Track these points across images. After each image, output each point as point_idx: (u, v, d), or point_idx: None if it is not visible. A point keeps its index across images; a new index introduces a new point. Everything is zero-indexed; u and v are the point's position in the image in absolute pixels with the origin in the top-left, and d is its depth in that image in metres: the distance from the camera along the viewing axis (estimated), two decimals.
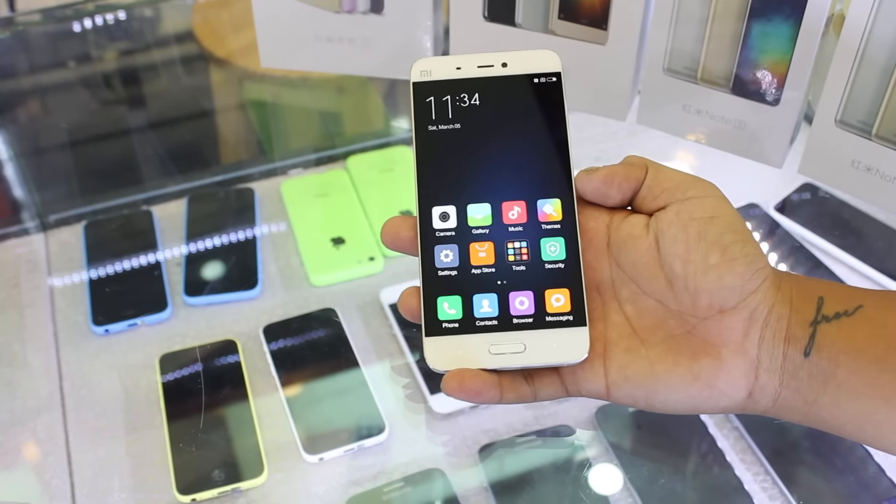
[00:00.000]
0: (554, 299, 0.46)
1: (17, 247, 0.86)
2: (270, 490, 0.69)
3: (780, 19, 0.61)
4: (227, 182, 0.93)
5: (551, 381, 0.47)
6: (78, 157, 0.98)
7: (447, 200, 0.47)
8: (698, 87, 0.66)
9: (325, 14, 0.70)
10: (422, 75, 0.49)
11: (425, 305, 0.46)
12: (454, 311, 0.46)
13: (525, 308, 0.46)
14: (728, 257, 0.44)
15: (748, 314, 0.45)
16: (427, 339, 0.45)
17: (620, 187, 0.47)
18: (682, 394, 0.45)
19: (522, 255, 0.47)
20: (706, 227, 0.45)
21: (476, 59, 0.50)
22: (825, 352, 0.44)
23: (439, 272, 0.46)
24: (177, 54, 1.09)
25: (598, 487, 0.69)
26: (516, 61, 0.50)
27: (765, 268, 0.45)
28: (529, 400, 0.46)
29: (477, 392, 0.45)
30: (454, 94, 0.49)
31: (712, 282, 0.44)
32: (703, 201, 0.46)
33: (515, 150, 0.49)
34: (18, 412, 0.74)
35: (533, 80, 0.49)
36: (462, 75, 0.49)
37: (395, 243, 0.49)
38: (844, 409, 0.45)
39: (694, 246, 0.45)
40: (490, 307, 0.46)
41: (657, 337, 0.46)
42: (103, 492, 0.69)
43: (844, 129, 0.62)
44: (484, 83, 0.49)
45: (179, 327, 0.80)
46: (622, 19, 0.65)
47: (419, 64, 0.49)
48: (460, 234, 0.47)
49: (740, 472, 0.70)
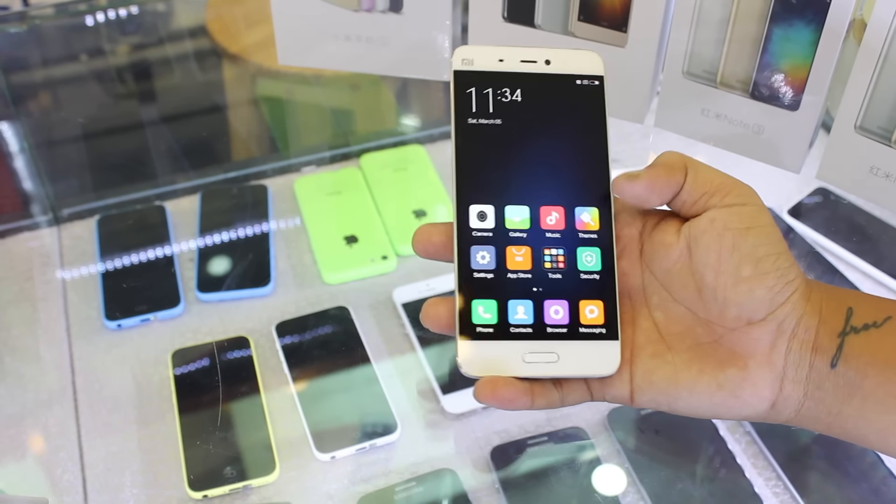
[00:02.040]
0: (588, 311, 0.45)
1: (30, 241, 0.87)
2: (282, 488, 0.69)
3: (802, 24, 0.60)
4: (240, 178, 0.93)
5: (578, 386, 0.46)
6: (91, 151, 0.98)
7: (486, 199, 0.46)
8: (717, 91, 0.66)
9: (344, 12, 0.70)
10: (463, 64, 0.48)
11: (460, 307, 0.44)
12: (489, 316, 0.45)
13: (560, 318, 0.45)
14: (760, 270, 0.44)
15: (776, 326, 0.44)
16: (461, 342, 0.44)
17: (661, 193, 0.46)
18: (705, 402, 0.45)
19: (559, 262, 0.46)
20: (741, 238, 0.44)
21: (519, 52, 0.48)
22: (852, 363, 0.44)
23: (475, 274, 0.45)
24: (190, 49, 1.09)
25: (609, 490, 0.69)
26: (560, 60, 0.48)
27: (795, 279, 0.45)
28: (557, 406, 0.46)
29: (510, 400, 0.44)
30: (496, 87, 0.47)
31: (742, 294, 0.44)
32: (741, 210, 0.45)
33: (555, 152, 0.47)
34: (30, 406, 0.74)
35: (576, 81, 0.48)
36: (504, 68, 0.48)
37: (427, 249, 0.47)
38: (870, 420, 0.44)
39: (727, 257, 0.44)
40: (525, 314, 0.45)
41: (684, 344, 0.46)
42: (115, 487, 0.69)
43: (864, 136, 0.61)
44: (527, 79, 0.48)
45: (192, 323, 0.80)
46: (642, 22, 0.65)
47: (461, 52, 0.48)
48: (498, 235, 0.46)
49: (752, 476, 0.70)
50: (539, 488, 0.69)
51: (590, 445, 0.71)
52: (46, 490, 0.69)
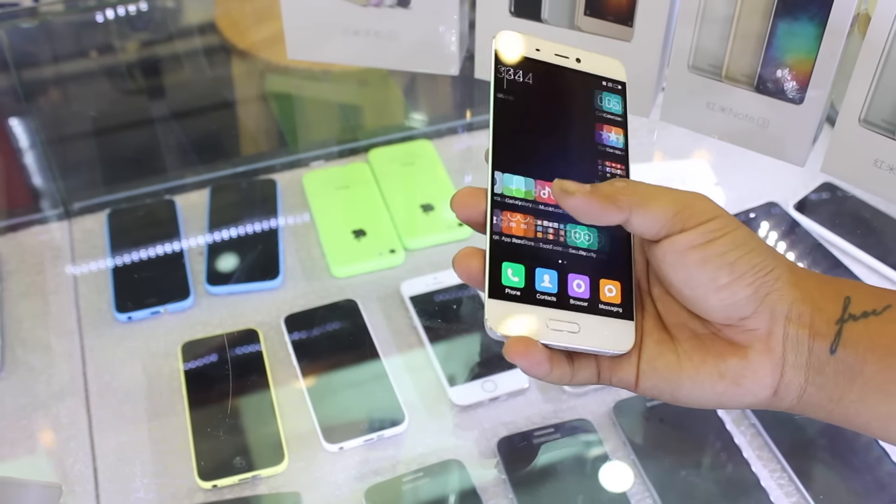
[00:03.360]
0: (607, 289, 0.47)
1: (42, 234, 0.87)
2: (291, 478, 0.70)
3: (806, 18, 0.61)
4: (249, 173, 0.94)
5: (589, 365, 0.47)
6: (102, 146, 0.99)
7: (519, 171, 0.48)
8: (722, 85, 0.66)
9: (353, 7, 0.70)
10: (504, 47, 0.50)
11: (490, 268, 0.46)
12: (517, 279, 0.46)
13: (581, 291, 0.47)
14: (736, 274, 0.44)
15: (769, 314, 0.45)
16: (490, 300, 0.45)
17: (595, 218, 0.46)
18: (707, 390, 0.46)
19: (582, 239, 0.48)
20: (706, 250, 0.44)
21: (553, 46, 0.51)
22: (852, 349, 0.45)
23: (506, 238, 0.47)
24: (199, 46, 1.10)
25: (614, 480, 0.69)
26: (589, 61, 0.52)
27: (775, 268, 0.45)
28: (567, 381, 0.47)
29: (538, 362, 0.45)
30: (533, 73, 0.50)
31: (725, 299, 0.45)
32: (704, 228, 0.45)
33: (581, 142, 0.50)
34: (42, 397, 0.74)
35: (602, 82, 0.52)
36: (541, 57, 0.51)
37: (465, 211, 0.48)
38: (870, 406, 0.45)
39: (698, 273, 0.44)
40: (550, 283, 0.47)
41: (684, 334, 0.47)
42: (125, 476, 0.70)
43: (868, 129, 0.62)
44: (559, 71, 0.51)
45: (201, 316, 0.81)
46: (648, 16, 0.65)
47: (503, 35, 0.50)
48: (528, 205, 0.48)
49: (756, 468, 0.70)
50: (545, 479, 0.69)
51: (596, 437, 0.72)
52: (58, 479, 0.70)
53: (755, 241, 0.45)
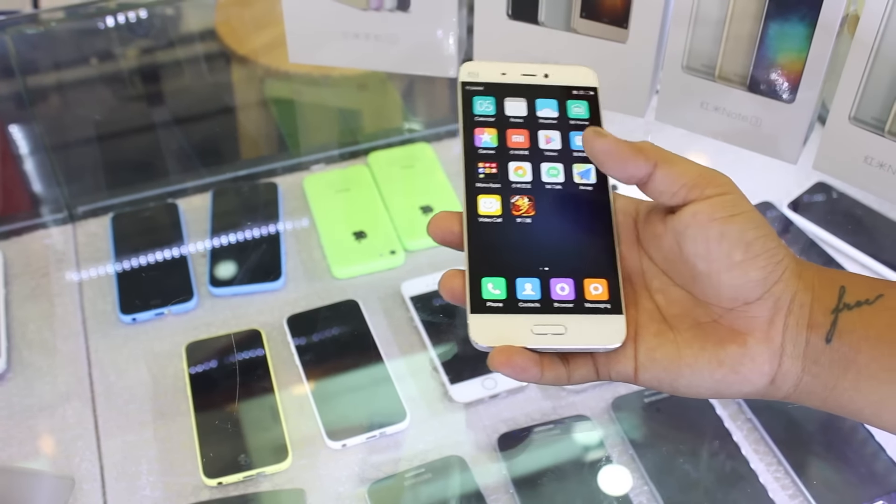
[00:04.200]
0: (592, 287, 0.48)
1: (46, 238, 0.88)
2: (295, 475, 0.71)
3: (797, 19, 0.62)
4: (250, 177, 0.95)
5: (585, 363, 0.48)
6: (105, 151, 1.00)
7: (491, 191, 0.49)
8: (716, 85, 0.67)
9: (353, 11, 0.72)
10: (469, 76, 0.52)
11: (471, 284, 0.47)
12: (498, 292, 0.47)
13: (566, 294, 0.48)
14: (751, 254, 0.45)
15: (772, 303, 0.46)
16: (472, 315, 0.46)
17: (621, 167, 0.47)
18: (707, 379, 0.46)
19: (563, 243, 0.49)
20: (726, 226, 0.45)
21: (520, 67, 0.53)
22: (846, 338, 0.46)
23: (484, 254, 0.48)
24: (200, 52, 1.11)
25: (613, 474, 0.70)
26: (557, 74, 0.53)
27: (785, 258, 0.46)
28: (564, 382, 0.48)
29: (523, 368, 0.46)
30: (499, 95, 0.52)
31: (737, 278, 0.45)
32: (722, 200, 0.46)
33: (556, 154, 0.51)
34: (48, 397, 0.75)
35: (572, 91, 0.53)
36: (508, 80, 0.52)
37: (443, 235, 0.50)
38: (864, 394, 0.46)
39: (716, 246, 0.45)
40: (533, 290, 0.47)
41: (685, 324, 0.47)
42: (132, 475, 0.71)
43: (858, 126, 0.63)
44: (527, 90, 0.52)
45: (205, 317, 0.82)
46: (642, 18, 0.67)
47: (467, 66, 0.52)
48: (505, 220, 0.49)
49: (754, 462, 0.71)
50: (545, 473, 0.70)
51: (595, 432, 0.73)
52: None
53: (768, 226, 0.47)
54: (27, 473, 0.47)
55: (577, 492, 0.69)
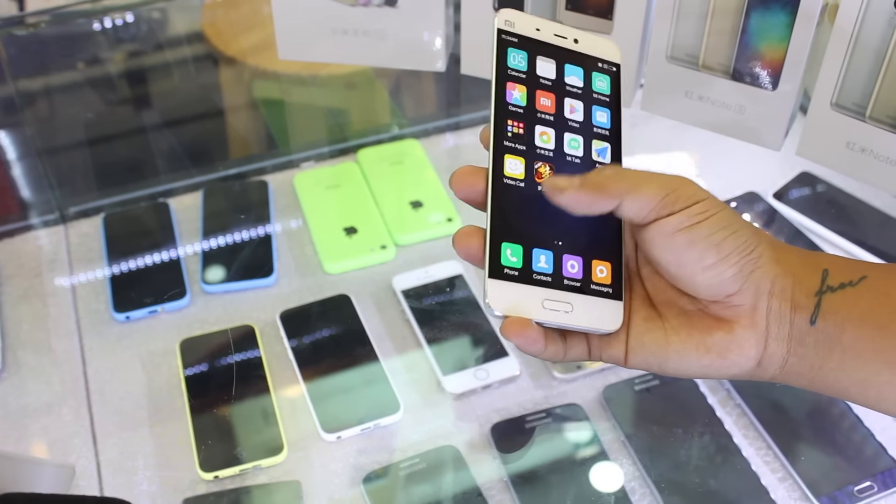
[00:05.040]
0: (598, 270, 0.49)
1: (39, 239, 0.89)
2: (290, 468, 0.71)
3: (778, 8, 0.63)
4: (241, 175, 0.96)
5: (580, 342, 0.49)
6: (95, 152, 1.01)
7: (518, 152, 0.49)
8: (700, 75, 0.68)
9: (342, 7, 0.72)
10: (506, 24, 0.51)
11: (491, 248, 0.47)
12: (515, 260, 0.47)
13: (575, 272, 0.48)
14: (723, 254, 0.46)
15: (753, 290, 0.47)
16: (490, 280, 0.47)
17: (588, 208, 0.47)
18: (694, 363, 0.48)
19: (578, 220, 0.48)
20: (693, 233, 0.46)
21: (553, 27, 0.52)
22: (830, 319, 0.47)
23: (506, 220, 0.48)
24: (188, 53, 1.12)
25: (603, 460, 0.71)
26: (586, 41, 0.53)
27: (758, 246, 0.47)
28: (560, 358, 0.49)
29: (533, 341, 0.47)
30: (532, 52, 0.51)
31: (712, 278, 0.46)
32: (689, 211, 0.46)
33: (578, 125, 0.51)
34: (44, 396, 0.76)
35: (598, 62, 0.53)
36: (540, 37, 0.52)
37: (465, 190, 0.49)
38: (849, 373, 0.47)
39: (684, 254, 0.46)
40: (546, 263, 0.48)
41: (672, 311, 0.48)
42: (128, 470, 0.71)
43: (840, 112, 0.64)
44: (558, 52, 0.52)
45: (198, 314, 0.82)
46: (626, 9, 0.68)
47: (504, 13, 0.51)
48: (527, 186, 0.49)
49: (744, 447, 0.72)
50: (538, 462, 0.71)
51: (586, 420, 0.74)
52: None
53: (739, 221, 0.47)
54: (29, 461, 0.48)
55: (570, 480, 0.70)
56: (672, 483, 0.69)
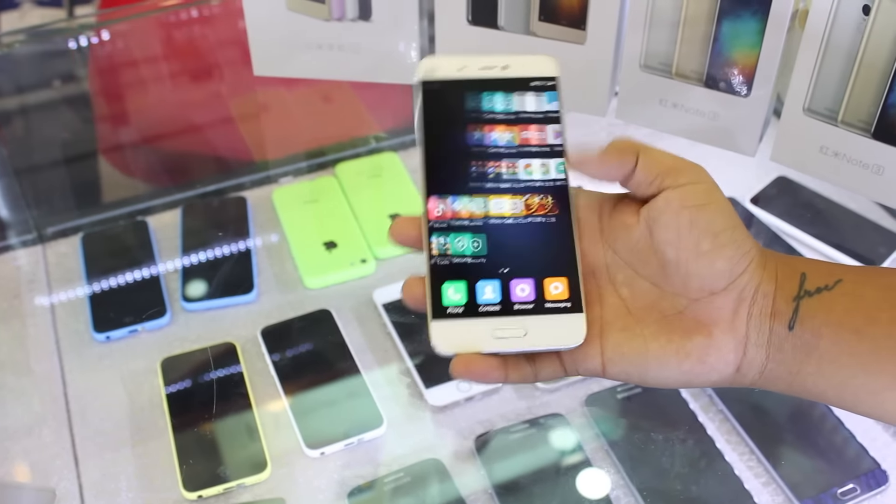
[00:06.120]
0: (553, 287, 0.48)
1: (16, 260, 0.88)
2: (275, 485, 0.71)
3: (748, 15, 0.64)
4: (219, 192, 0.95)
5: (551, 361, 0.49)
6: (72, 171, 1.00)
7: (449, 192, 0.49)
8: (673, 82, 0.69)
9: (316, 22, 0.72)
10: (427, 73, 0.52)
11: (431, 291, 0.47)
12: (459, 297, 0.47)
13: (526, 295, 0.48)
14: (718, 244, 0.47)
15: (737, 294, 0.47)
16: (433, 322, 0.47)
17: (611, 173, 0.49)
18: (674, 370, 0.48)
19: (522, 245, 0.49)
20: (697, 214, 0.47)
21: (478, 60, 0.52)
22: (808, 324, 0.47)
23: (442, 260, 0.48)
24: (163, 70, 1.11)
25: (587, 469, 0.71)
26: (517, 65, 0.53)
27: (751, 250, 0.48)
28: (531, 380, 0.49)
29: (483, 374, 0.47)
30: (457, 94, 0.51)
31: (704, 267, 0.47)
32: (695, 188, 0.47)
33: (514, 146, 0.51)
34: (24, 418, 0.75)
35: (531, 82, 0.52)
36: (465, 75, 0.52)
37: (401, 239, 0.50)
38: (826, 377, 0.47)
39: (686, 233, 0.47)
40: (493, 293, 0.48)
41: (651, 317, 0.48)
42: (111, 492, 0.71)
43: (812, 117, 0.65)
44: (486, 84, 0.52)
45: (179, 332, 0.82)
46: (600, 19, 0.68)
47: (425, 62, 0.52)
48: (462, 224, 0.49)
49: (727, 453, 0.73)
50: (522, 473, 0.71)
51: (569, 430, 0.74)
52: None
53: (737, 218, 0.48)
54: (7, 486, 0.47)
55: (554, 489, 0.70)
56: (656, 490, 0.69)
